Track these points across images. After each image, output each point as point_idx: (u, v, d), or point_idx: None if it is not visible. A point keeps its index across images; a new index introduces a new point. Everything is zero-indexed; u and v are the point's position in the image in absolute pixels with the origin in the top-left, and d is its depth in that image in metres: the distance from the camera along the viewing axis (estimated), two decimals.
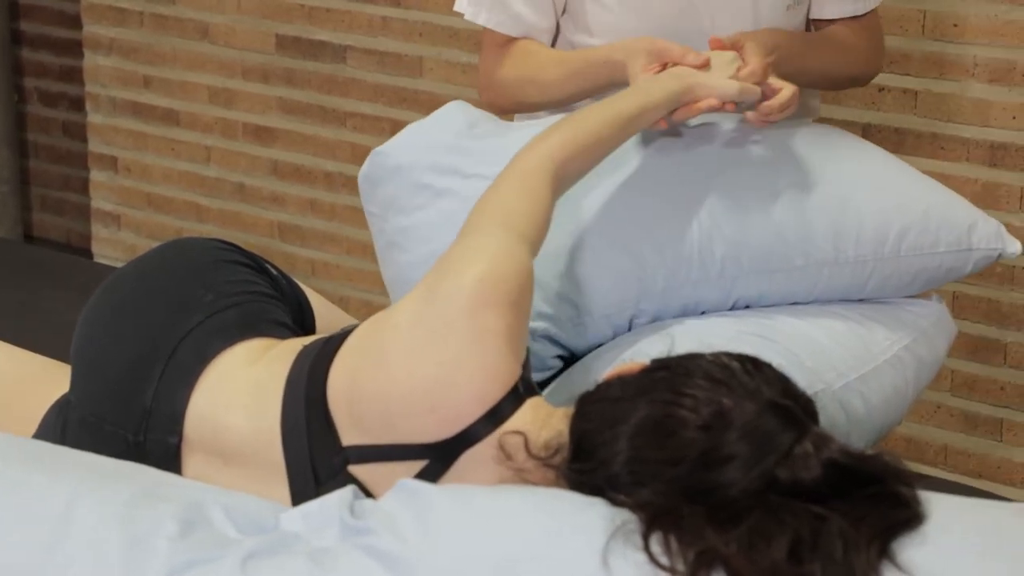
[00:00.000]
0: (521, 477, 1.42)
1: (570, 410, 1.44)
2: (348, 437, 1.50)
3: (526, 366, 1.51)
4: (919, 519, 1.31)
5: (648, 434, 1.34)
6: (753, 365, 1.39)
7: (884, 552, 1.27)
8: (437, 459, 1.45)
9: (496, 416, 1.45)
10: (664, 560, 1.25)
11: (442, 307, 1.48)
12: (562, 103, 2.01)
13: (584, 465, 1.37)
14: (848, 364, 1.82)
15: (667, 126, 1.82)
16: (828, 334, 1.84)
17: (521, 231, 1.56)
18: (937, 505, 1.34)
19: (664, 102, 1.78)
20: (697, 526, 1.26)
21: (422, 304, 1.50)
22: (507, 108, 2.14)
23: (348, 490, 1.41)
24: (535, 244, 1.59)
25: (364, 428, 1.49)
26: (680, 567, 1.24)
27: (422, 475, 1.46)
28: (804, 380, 1.69)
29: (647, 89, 1.78)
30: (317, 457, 1.50)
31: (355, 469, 1.49)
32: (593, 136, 1.70)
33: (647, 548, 1.26)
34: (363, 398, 1.49)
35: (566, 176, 1.69)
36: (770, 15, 2.02)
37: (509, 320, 1.47)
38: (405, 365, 1.47)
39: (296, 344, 1.61)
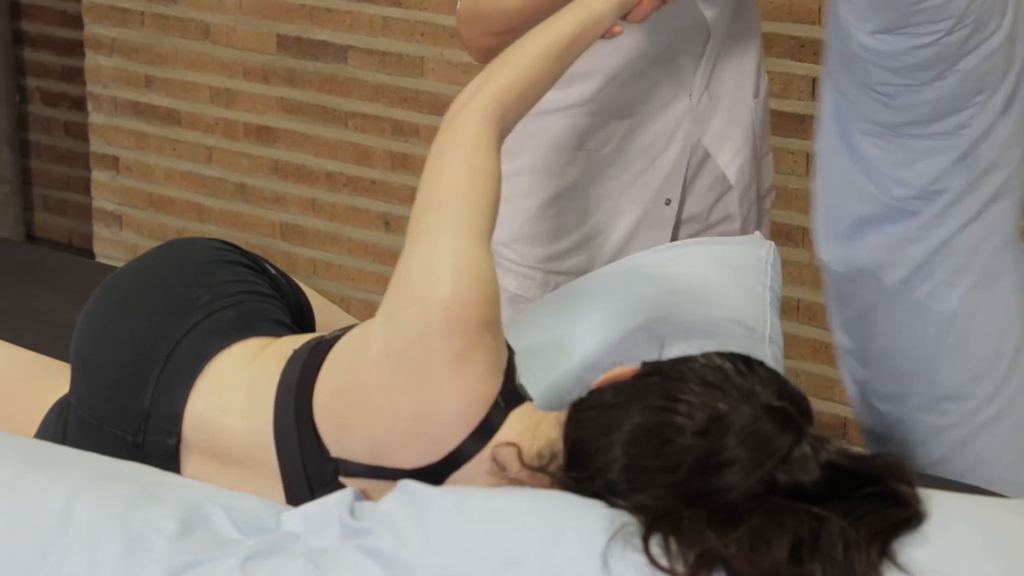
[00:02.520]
0: (516, 486, 1.40)
1: (561, 416, 1.42)
2: (336, 450, 1.49)
3: (508, 374, 1.48)
4: (920, 517, 1.31)
5: (643, 441, 1.33)
6: (745, 365, 1.37)
7: (885, 551, 1.27)
8: (426, 481, 1.42)
9: (482, 434, 1.43)
10: (664, 562, 1.25)
11: (411, 342, 1.44)
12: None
13: (580, 473, 1.35)
14: (758, 314, 1.86)
15: (621, 31, 1.71)
16: (730, 295, 1.86)
17: (476, 223, 1.49)
18: (937, 503, 1.33)
19: (608, 12, 1.67)
20: (697, 528, 1.26)
21: (389, 336, 1.46)
22: (479, 45, 2.01)
23: (349, 491, 1.41)
24: (491, 226, 1.52)
25: (350, 449, 1.48)
26: (680, 569, 1.24)
27: None
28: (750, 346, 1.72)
29: (587, 4, 1.67)
30: (309, 465, 1.50)
31: (346, 480, 1.48)
32: (534, 73, 1.60)
33: (647, 550, 1.25)
34: (347, 425, 1.48)
35: (508, 124, 1.59)
36: None
37: (481, 339, 1.44)
38: (383, 401, 1.45)
39: (290, 344, 1.60)
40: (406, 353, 1.44)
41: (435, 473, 1.43)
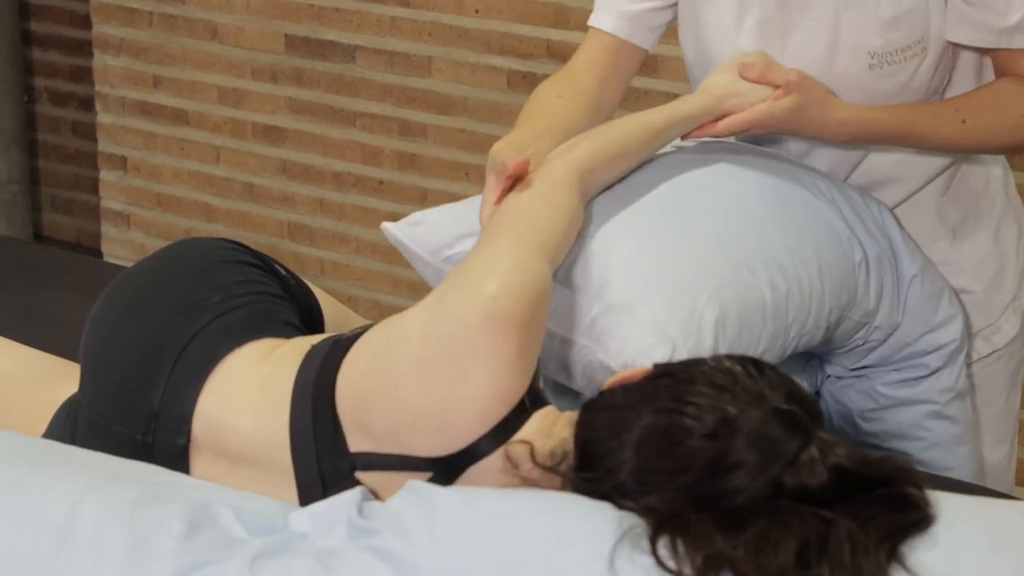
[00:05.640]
0: (528, 485, 1.41)
1: (574, 416, 1.44)
2: (355, 443, 1.50)
3: (535, 377, 1.50)
4: (928, 520, 1.31)
5: (653, 443, 1.34)
6: (756, 368, 1.38)
7: (893, 554, 1.27)
8: (442, 472, 1.45)
9: (502, 432, 1.44)
10: (671, 564, 1.25)
11: (453, 324, 1.46)
12: None
13: (591, 474, 1.36)
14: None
15: (698, 136, 1.81)
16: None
17: (541, 242, 1.56)
18: (945, 505, 1.33)
19: (696, 114, 1.80)
20: (704, 530, 1.26)
21: (433, 318, 1.49)
22: None
23: (357, 491, 1.41)
24: (556, 254, 1.59)
25: (371, 436, 1.49)
26: (687, 571, 1.24)
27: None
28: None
29: (676, 104, 1.81)
30: (324, 461, 1.50)
31: (362, 476, 1.49)
32: (620, 147, 1.73)
33: (654, 552, 1.26)
34: (371, 409, 1.49)
35: (591, 184, 1.71)
36: (847, 75, 1.85)
37: (520, 339, 1.46)
38: (414, 382, 1.46)
39: (304, 343, 1.60)
40: (446, 337, 1.46)
41: (453, 464, 1.45)
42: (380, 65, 3.72)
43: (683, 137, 1.83)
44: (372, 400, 1.49)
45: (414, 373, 1.47)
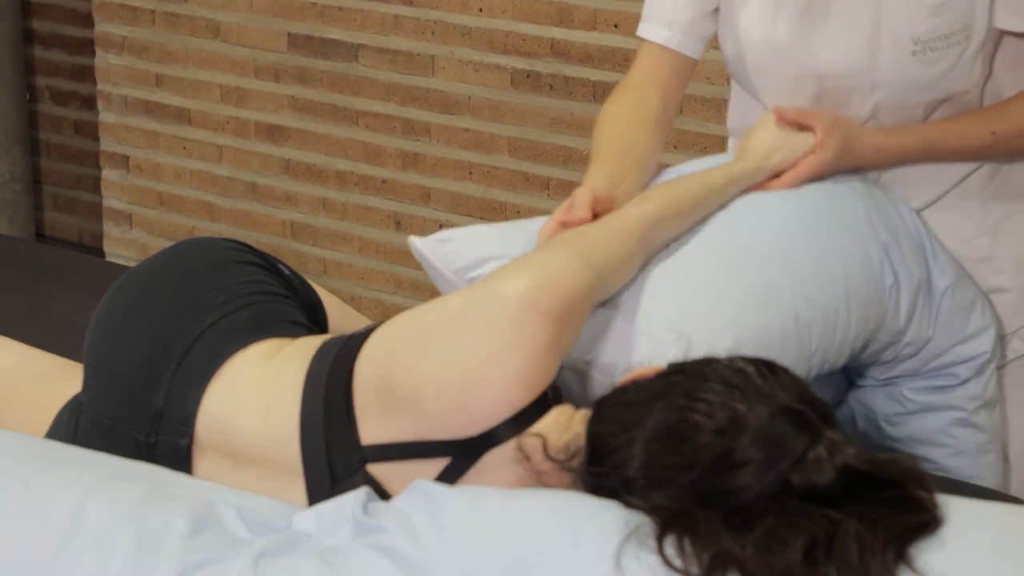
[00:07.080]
0: (540, 480, 1.42)
1: (589, 413, 1.44)
2: (368, 434, 1.50)
3: (558, 374, 1.51)
4: (936, 523, 1.31)
5: (663, 439, 1.35)
6: (768, 369, 1.38)
7: (900, 556, 1.27)
8: (461, 456, 1.45)
9: (521, 420, 1.45)
10: (678, 563, 1.25)
11: (492, 305, 1.48)
12: None
13: (600, 468, 1.37)
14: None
15: (757, 188, 1.84)
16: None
17: (594, 261, 1.58)
18: (953, 508, 1.33)
19: (746, 175, 1.83)
20: (712, 529, 1.26)
21: (472, 298, 1.51)
22: None
23: (362, 490, 1.41)
24: (604, 278, 1.60)
25: (391, 418, 1.49)
26: (694, 570, 1.24)
27: (444, 474, 1.46)
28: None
29: (729, 165, 1.84)
30: (334, 455, 1.50)
31: (373, 468, 1.49)
32: (689, 205, 1.76)
33: (661, 550, 1.25)
34: (396, 385, 1.49)
35: (655, 240, 1.72)
36: (891, 62, 1.85)
37: (553, 332, 1.47)
38: (444, 354, 1.47)
39: (313, 342, 1.60)
40: (483, 315, 1.48)
41: (470, 449, 1.45)
42: (383, 64, 3.71)
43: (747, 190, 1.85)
44: (397, 376, 1.49)
45: (445, 347, 1.48)
